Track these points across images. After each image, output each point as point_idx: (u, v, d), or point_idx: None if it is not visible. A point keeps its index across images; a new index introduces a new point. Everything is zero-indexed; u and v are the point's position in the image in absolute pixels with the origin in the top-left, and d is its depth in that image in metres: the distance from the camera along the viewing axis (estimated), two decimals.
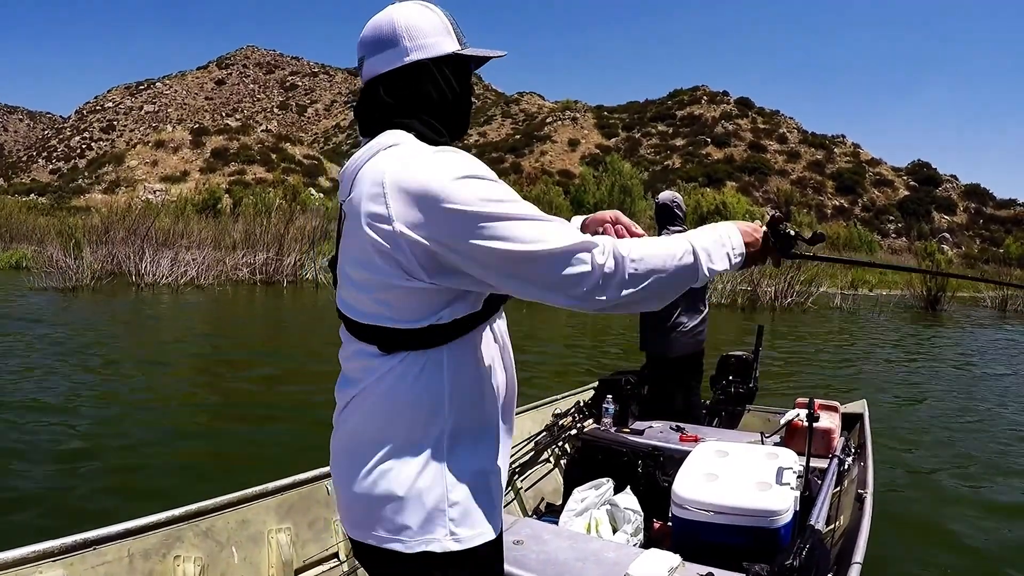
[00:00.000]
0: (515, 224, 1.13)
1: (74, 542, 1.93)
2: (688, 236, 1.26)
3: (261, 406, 6.89)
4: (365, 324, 1.27)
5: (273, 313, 15.35)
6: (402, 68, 1.31)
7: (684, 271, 1.22)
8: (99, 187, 66.99)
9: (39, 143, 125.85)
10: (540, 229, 1.14)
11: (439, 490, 1.25)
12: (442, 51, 1.33)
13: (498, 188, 1.17)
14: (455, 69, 1.35)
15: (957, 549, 4.08)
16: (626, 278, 1.16)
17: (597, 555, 2.29)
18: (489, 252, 1.13)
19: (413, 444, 1.25)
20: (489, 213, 1.13)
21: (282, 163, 71.97)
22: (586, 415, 4.08)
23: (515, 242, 1.13)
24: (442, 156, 1.20)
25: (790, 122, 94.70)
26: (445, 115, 1.36)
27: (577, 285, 1.14)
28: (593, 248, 1.15)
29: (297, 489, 2.58)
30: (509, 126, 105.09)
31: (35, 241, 24.54)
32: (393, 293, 1.21)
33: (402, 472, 1.25)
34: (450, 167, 1.17)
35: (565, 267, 1.13)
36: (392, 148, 1.25)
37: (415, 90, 1.32)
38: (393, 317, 1.23)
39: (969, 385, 9.56)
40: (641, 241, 1.22)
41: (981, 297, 29.41)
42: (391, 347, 1.25)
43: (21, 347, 9.12)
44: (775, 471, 2.71)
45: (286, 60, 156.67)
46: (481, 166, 1.19)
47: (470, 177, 1.16)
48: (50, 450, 5.13)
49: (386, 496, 1.25)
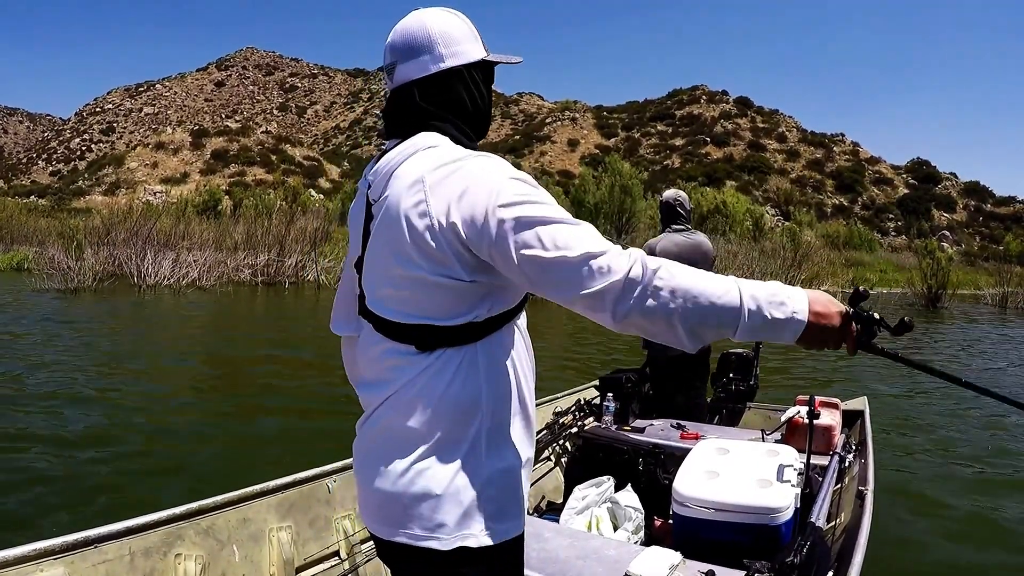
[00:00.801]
0: (551, 228, 1.14)
1: (75, 540, 1.93)
2: (740, 283, 1.17)
3: (264, 404, 6.92)
4: (402, 323, 1.28)
5: (275, 313, 15.36)
6: (438, 74, 1.33)
7: (721, 309, 1.13)
8: (99, 189, 66.99)
9: (39, 145, 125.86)
10: (573, 234, 1.14)
11: (476, 487, 1.25)
12: (473, 57, 1.36)
13: (538, 192, 1.20)
14: (483, 75, 1.40)
15: (958, 546, 4.08)
16: (650, 291, 1.11)
17: (598, 553, 2.29)
18: (523, 254, 1.14)
19: (452, 442, 1.26)
20: (529, 217, 1.14)
21: (282, 164, 71.97)
22: (587, 413, 4.08)
23: (547, 247, 1.13)
24: (484, 159, 1.23)
25: (789, 121, 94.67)
26: (474, 119, 1.39)
27: (601, 294, 1.11)
28: (621, 254, 1.13)
29: (298, 487, 2.58)
30: (508, 127, 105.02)
31: (36, 243, 24.54)
32: (432, 291, 1.23)
33: (440, 470, 1.25)
34: (494, 169, 1.21)
35: (591, 272, 1.11)
36: (431, 149, 1.28)
37: (449, 95, 1.35)
38: (431, 315, 1.24)
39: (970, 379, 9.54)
40: (678, 264, 1.17)
41: (981, 294, 29.45)
42: (429, 345, 1.26)
43: (26, 346, 9.18)
44: (776, 468, 2.72)
45: (286, 62, 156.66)
46: (511, 168, 1.23)
47: (514, 179, 1.19)
48: (60, 439, 5.21)
49: (423, 494, 1.25)
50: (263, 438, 5.84)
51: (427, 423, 1.26)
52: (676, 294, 1.11)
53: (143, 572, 2.06)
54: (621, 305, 1.11)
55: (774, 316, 1.13)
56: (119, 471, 4.79)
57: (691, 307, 1.11)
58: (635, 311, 1.11)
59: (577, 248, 1.12)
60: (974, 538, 4.18)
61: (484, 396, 1.27)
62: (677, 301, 1.11)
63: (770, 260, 22.86)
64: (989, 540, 4.16)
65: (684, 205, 4.49)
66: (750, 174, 79.11)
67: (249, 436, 5.89)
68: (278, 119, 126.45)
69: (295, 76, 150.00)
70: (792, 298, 1.16)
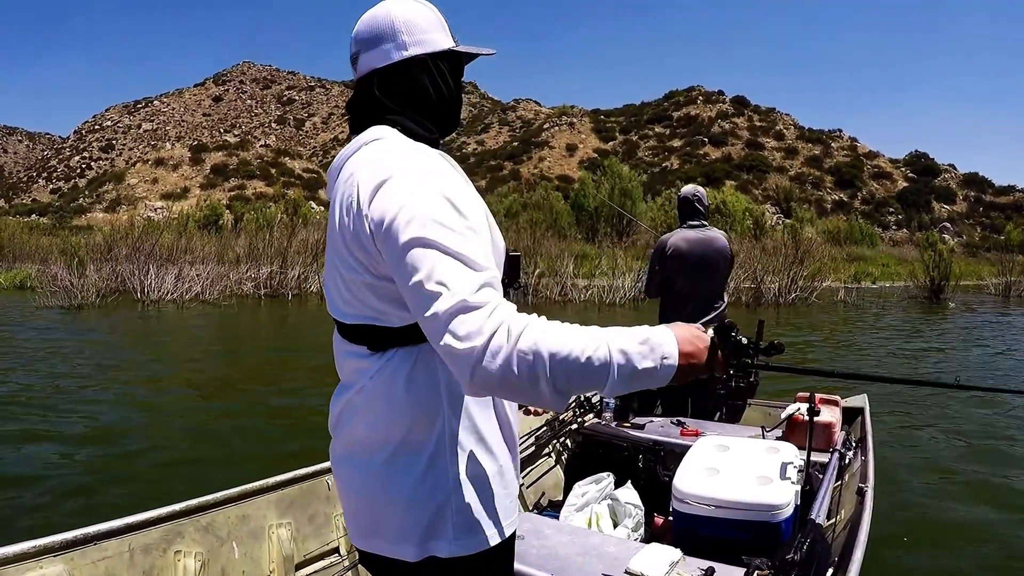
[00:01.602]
0: (442, 259, 1.05)
1: (75, 537, 1.94)
2: (609, 335, 1.07)
3: (268, 412, 6.96)
4: (353, 324, 1.25)
5: (278, 324, 15.43)
6: (400, 63, 1.30)
7: (588, 369, 1.03)
8: (100, 206, 67.19)
9: (39, 163, 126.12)
10: (460, 276, 1.03)
11: (442, 494, 1.20)
12: (439, 47, 1.32)
13: (452, 214, 1.10)
14: (450, 66, 1.35)
15: (959, 542, 4.07)
16: (514, 358, 0.99)
17: (598, 549, 2.28)
18: (404, 274, 1.08)
19: (413, 446, 1.20)
20: (427, 239, 1.06)
21: (282, 177, 72.14)
22: (587, 410, 4.07)
23: (427, 278, 1.04)
24: (418, 161, 1.17)
25: (786, 119, 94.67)
26: (438, 112, 1.35)
27: (459, 356, 1.00)
28: (491, 316, 1.01)
29: (298, 484, 2.59)
30: (507, 133, 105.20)
31: (38, 260, 24.65)
32: (373, 291, 1.19)
33: (403, 477, 1.20)
34: (420, 175, 1.14)
35: (456, 329, 1.00)
36: (374, 143, 1.25)
37: (411, 86, 1.31)
38: (378, 315, 1.20)
39: (972, 375, 9.54)
40: (547, 323, 1.05)
41: (984, 284, 29.42)
42: (380, 346, 1.22)
43: (34, 361, 9.31)
44: (776, 465, 2.72)
45: (282, 75, 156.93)
46: (448, 180, 1.15)
47: (434, 193, 1.11)
48: (67, 446, 5.28)
49: (387, 502, 1.21)
50: (266, 438, 5.92)
51: (385, 427, 1.21)
52: (540, 358, 1.00)
53: (143, 569, 2.07)
54: (478, 372, 0.99)
55: (644, 367, 1.07)
56: (130, 468, 4.95)
57: (557, 371, 1.01)
58: (493, 379, 1.00)
59: (454, 292, 1.01)
60: (975, 536, 4.15)
61: (445, 398, 1.21)
62: (541, 366, 1.00)
63: (772, 258, 22.81)
64: (990, 538, 4.12)
65: (702, 200, 4.49)
66: (749, 173, 79.12)
67: (253, 437, 5.97)
68: (276, 132, 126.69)
69: (292, 89, 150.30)
70: (662, 344, 1.10)
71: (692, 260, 4.32)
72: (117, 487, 4.69)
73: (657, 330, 1.12)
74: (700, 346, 1.16)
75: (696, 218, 4.45)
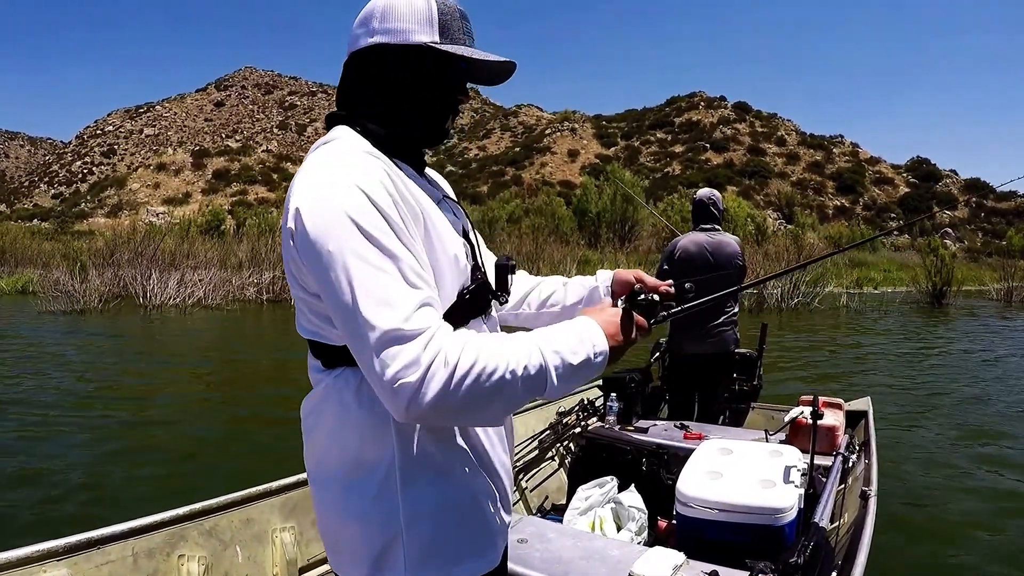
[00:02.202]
0: (368, 278, 0.99)
1: (78, 541, 1.93)
2: (539, 340, 1.06)
3: (270, 419, 6.96)
4: (305, 338, 1.19)
5: (281, 328, 15.45)
6: (364, 50, 1.20)
7: (528, 383, 1.02)
8: (102, 211, 67.36)
9: (40, 168, 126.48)
10: (389, 296, 0.98)
11: (394, 523, 1.11)
12: (409, 40, 1.17)
13: (378, 222, 1.02)
14: (429, 64, 1.20)
15: (962, 546, 4.06)
16: (452, 384, 0.95)
17: (601, 553, 2.29)
18: (328, 294, 1.02)
19: (365, 467, 1.12)
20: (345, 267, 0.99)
21: (283, 183, 72.26)
22: (590, 413, 4.08)
23: (351, 301, 0.98)
24: (336, 177, 1.05)
25: (788, 124, 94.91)
26: (409, 113, 1.22)
27: (393, 390, 0.95)
28: (428, 345, 0.96)
29: (301, 488, 2.58)
30: (508, 139, 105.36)
31: (40, 265, 24.72)
32: (309, 307, 1.13)
33: (357, 498, 1.13)
34: (334, 194, 1.03)
35: (386, 361, 0.95)
36: (322, 148, 1.15)
37: (380, 77, 1.20)
38: (321, 332, 1.14)
39: (974, 379, 9.54)
40: (481, 340, 1.01)
41: (986, 289, 29.46)
42: (329, 362, 1.15)
43: (40, 365, 9.33)
44: (779, 469, 2.71)
45: (284, 80, 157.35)
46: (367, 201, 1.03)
47: (358, 201, 1.02)
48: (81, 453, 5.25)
49: (343, 522, 1.15)
50: (268, 443, 5.92)
51: (339, 444, 1.15)
52: (480, 381, 0.97)
53: (146, 573, 2.07)
54: (413, 407, 0.95)
55: (580, 362, 1.07)
56: (131, 472, 4.95)
57: (496, 389, 0.98)
58: (427, 411, 0.95)
59: (382, 320, 0.96)
60: (978, 539, 4.15)
61: (393, 423, 1.11)
62: (481, 388, 0.97)
63: (775, 264, 22.84)
64: (994, 542, 4.12)
65: (717, 205, 4.51)
66: (751, 179, 79.25)
67: (255, 441, 5.99)
68: (278, 137, 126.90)
69: (294, 94, 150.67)
70: (590, 336, 1.10)
71: (700, 263, 4.34)
72: (117, 491, 4.71)
73: (580, 323, 1.13)
74: (616, 322, 1.18)
75: (709, 222, 4.47)
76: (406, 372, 0.94)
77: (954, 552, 3.98)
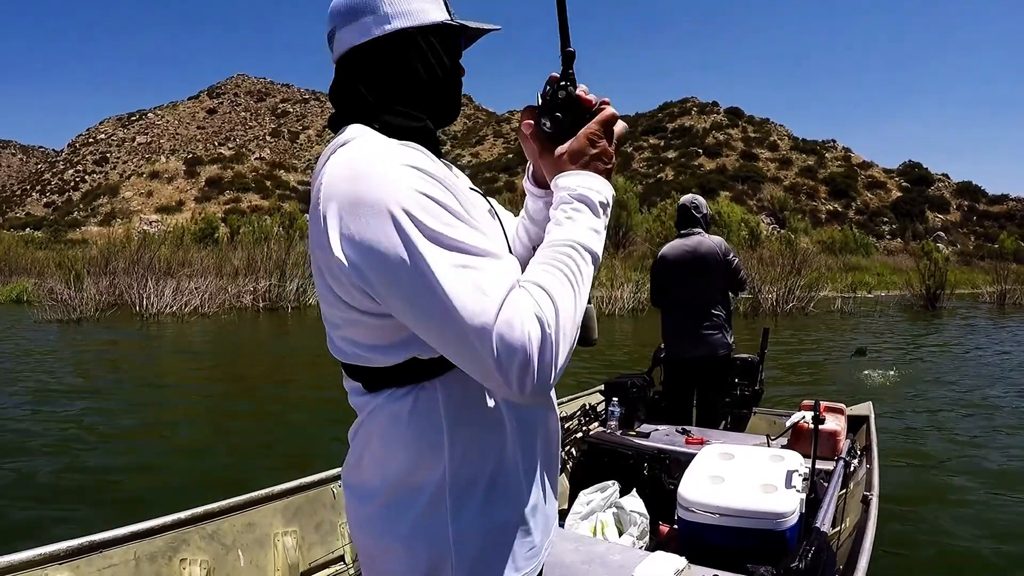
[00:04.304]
0: (430, 279, 0.90)
1: (80, 545, 1.94)
2: (571, 233, 1.01)
3: (272, 415, 7.03)
4: (344, 362, 1.11)
5: (278, 336, 15.45)
6: (382, 38, 1.11)
7: (590, 278, 1.01)
8: (95, 219, 67.12)
9: (32, 177, 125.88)
10: (467, 293, 0.90)
11: (442, 545, 1.06)
12: (430, 19, 1.12)
13: (439, 206, 0.95)
14: (444, 42, 1.15)
15: (963, 552, 4.07)
16: (555, 347, 0.91)
17: (603, 558, 2.29)
18: (400, 304, 0.94)
19: (410, 490, 1.07)
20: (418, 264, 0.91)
21: (276, 190, 72.18)
22: (592, 418, 4.10)
23: (421, 300, 0.91)
24: (384, 167, 0.96)
25: (780, 129, 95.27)
26: (431, 97, 1.16)
27: (504, 372, 0.89)
28: (526, 318, 0.90)
29: (303, 492, 2.60)
30: (501, 145, 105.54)
31: (35, 274, 24.60)
32: (354, 325, 1.04)
33: (399, 521, 1.08)
34: (386, 188, 0.94)
35: (488, 348, 0.89)
36: (344, 147, 1.04)
37: (396, 66, 1.12)
38: (364, 352, 1.06)
39: (973, 382, 9.57)
40: (548, 283, 0.95)
41: (979, 293, 29.58)
42: (374, 385, 1.08)
43: (40, 375, 9.32)
44: (781, 473, 2.73)
45: (277, 87, 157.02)
46: (426, 182, 0.96)
47: (406, 203, 0.93)
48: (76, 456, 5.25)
49: (383, 546, 1.10)
50: (269, 447, 5.95)
51: (383, 467, 1.09)
52: (575, 321, 0.96)
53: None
54: (537, 383, 0.90)
55: (600, 225, 1.05)
56: (131, 479, 4.95)
57: (580, 314, 0.97)
58: (550, 378, 0.91)
59: (472, 314, 0.89)
60: (980, 545, 4.14)
61: (447, 437, 1.06)
62: (571, 324, 0.94)
63: (769, 268, 22.91)
64: (995, 548, 4.11)
65: (699, 208, 4.56)
66: (744, 184, 79.44)
67: (255, 446, 5.99)
68: (271, 145, 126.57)
69: (287, 101, 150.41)
70: (600, 190, 1.06)
71: (677, 268, 4.44)
72: (119, 494, 4.71)
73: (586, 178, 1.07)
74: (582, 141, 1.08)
75: (689, 226, 4.52)
76: (514, 357, 0.88)
77: (956, 559, 3.98)
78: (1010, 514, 4.65)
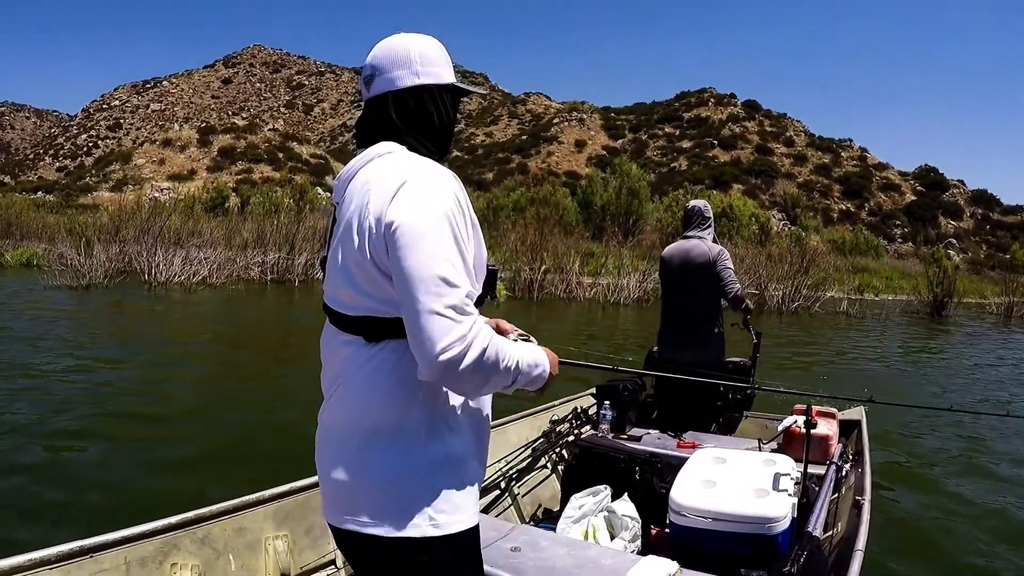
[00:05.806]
0: (438, 269, 1.25)
1: (70, 550, 1.93)
2: (518, 350, 1.37)
3: (271, 401, 7.05)
4: (354, 316, 1.40)
5: (285, 310, 15.55)
6: (412, 88, 1.47)
7: (512, 374, 1.34)
8: (106, 185, 67.04)
9: (46, 141, 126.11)
10: (445, 286, 1.24)
11: (419, 476, 1.34)
12: (445, 80, 1.51)
13: (450, 232, 1.30)
14: (452, 98, 1.54)
15: (955, 557, 4.10)
16: (479, 362, 1.25)
17: (595, 562, 2.29)
18: (405, 277, 1.26)
19: (392, 430, 1.35)
20: (427, 251, 1.26)
21: (289, 162, 71.92)
22: (583, 421, 4.09)
23: (416, 282, 1.24)
24: (429, 169, 1.37)
25: (797, 125, 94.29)
26: (437, 136, 1.52)
27: (440, 349, 1.22)
28: (468, 326, 1.24)
29: (294, 496, 2.59)
30: (516, 126, 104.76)
31: (45, 239, 24.61)
32: (376, 286, 1.35)
33: (382, 458, 1.34)
34: (431, 185, 1.33)
35: (438, 327, 1.22)
36: (386, 155, 1.42)
37: (419, 109, 1.48)
38: (378, 307, 1.36)
39: (969, 391, 9.58)
40: (496, 336, 1.32)
41: (987, 303, 29.40)
42: (376, 336, 1.38)
43: (51, 342, 9.41)
44: (773, 478, 2.74)
45: (293, 59, 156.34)
46: (455, 200, 1.34)
47: (441, 207, 1.31)
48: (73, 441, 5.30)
49: (367, 482, 1.34)
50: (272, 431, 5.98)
51: (369, 411, 1.36)
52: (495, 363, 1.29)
53: None
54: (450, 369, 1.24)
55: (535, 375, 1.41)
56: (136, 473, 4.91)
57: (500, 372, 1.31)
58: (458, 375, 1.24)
59: (447, 298, 1.24)
60: (971, 549, 4.18)
61: (424, 387, 1.35)
62: (494, 368, 1.29)
63: (777, 266, 22.79)
64: (987, 551, 4.16)
65: (703, 213, 4.62)
66: (757, 178, 78.82)
67: (254, 436, 6.00)
68: (285, 116, 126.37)
69: (302, 74, 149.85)
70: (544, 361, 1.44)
71: (671, 269, 4.57)
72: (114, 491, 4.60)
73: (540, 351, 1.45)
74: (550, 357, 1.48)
75: (690, 229, 4.60)
76: (455, 344, 1.21)
77: (948, 563, 4.02)
78: (1002, 520, 4.69)
